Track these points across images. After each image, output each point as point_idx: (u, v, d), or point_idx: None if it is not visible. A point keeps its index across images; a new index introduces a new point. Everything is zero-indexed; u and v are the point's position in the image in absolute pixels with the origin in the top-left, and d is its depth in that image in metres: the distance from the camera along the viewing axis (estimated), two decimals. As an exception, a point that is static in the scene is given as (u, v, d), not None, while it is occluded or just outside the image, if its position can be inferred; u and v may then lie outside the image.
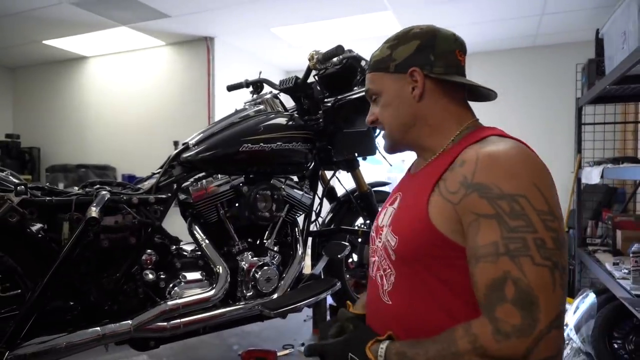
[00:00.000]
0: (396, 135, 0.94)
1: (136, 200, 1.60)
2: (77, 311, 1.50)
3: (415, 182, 0.91)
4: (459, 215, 0.76)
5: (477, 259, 0.72)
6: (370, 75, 0.95)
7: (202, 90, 4.28)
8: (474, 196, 0.74)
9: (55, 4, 3.46)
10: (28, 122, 5.18)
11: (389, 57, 0.92)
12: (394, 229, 0.86)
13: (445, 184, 0.80)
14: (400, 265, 0.84)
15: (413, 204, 0.84)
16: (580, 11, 3.62)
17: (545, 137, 4.32)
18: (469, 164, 0.77)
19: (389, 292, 0.86)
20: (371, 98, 0.96)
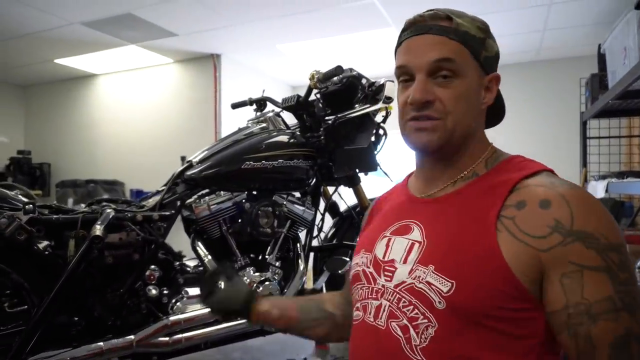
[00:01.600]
0: (457, 135, 0.77)
1: (140, 218, 1.64)
2: (81, 326, 1.54)
3: (449, 211, 0.76)
4: (543, 263, 0.66)
5: (593, 316, 0.63)
6: (453, 46, 0.75)
7: (209, 106, 4.35)
8: (578, 246, 0.64)
9: (66, 25, 3.57)
10: (39, 139, 5.29)
11: (482, 42, 0.78)
12: (443, 270, 0.69)
13: (514, 223, 0.68)
14: (449, 317, 0.68)
15: (472, 242, 0.69)
16: (582, 27, 3.65)
17: (551, 151, 4.31)
18: (560, 207, 0.67)
19: (424, 348, 0.69)
20: (435, 72, 0.75)
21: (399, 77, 0.80)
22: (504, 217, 0.69)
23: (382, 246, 0.80)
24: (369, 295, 0.78)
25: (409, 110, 0.77)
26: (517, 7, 3.31)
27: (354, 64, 2.20)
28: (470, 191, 0.76)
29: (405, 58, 0.78)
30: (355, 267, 0.85)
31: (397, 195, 0.91)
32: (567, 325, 0.65)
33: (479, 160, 0.80)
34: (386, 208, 0.90)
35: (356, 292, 0.83)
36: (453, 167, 0.80)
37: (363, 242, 0.87)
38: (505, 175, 0.75)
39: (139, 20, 3.52)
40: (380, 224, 0.86)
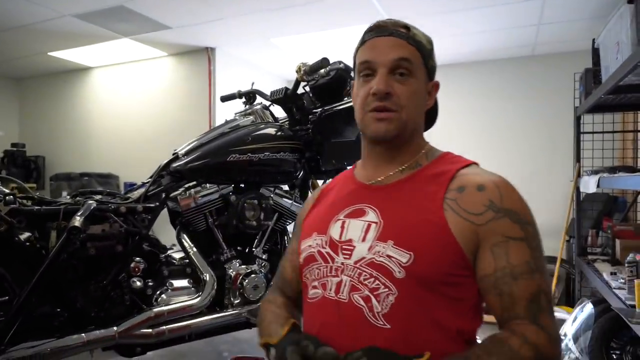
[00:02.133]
0: (408, 128, 0.89)
1: (124, 209, 1.63)
2: (64, 317, 1.53)
3: (401, 195, 0.86)
4: (479, 236, 0.79)
5: (515, 277, 0.77)
6: (411, 49, 0.87)
7: (204, 99, 4.34)
8: (506, 220, 0.79)
9: (59, 17, 3.55)
10: (33, 132, 5.28)
11: (430, 52, 0.92)
12: (402, 244, 0.79)
13: (457, 203, 0.81)
14: (407, 285, 0.77)
15: (424, 219, 0.81)
16: (577, 21, 3.63)
17: (545, 146, 4.31)
18: (492, 190, 0.82)
19: (386, 314, 0.77)
20: (394, 69, 0.86)
21: (360, 72, 0.89)
22: (448, 199, 0.83)
23: (337, 228, 0.88)
24: (328, 274, 0.85)
25: (370, 101, 0.86)
26: (512, 0, 3.29)
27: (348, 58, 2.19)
28: (417, 178, 0.88)
29: (370, 54, 0.88)
30: (309, 249, 0.90)
31: (344, 184, 0.98)
32: (495, 286, 0.78)
33: (420, 153, 0.92)
34: (333, 195, 0.97)
35: (311, 272, 0.89)
36: (399, 158, 0.91)
37: (312, 226, 0.94)
38: (444, 167, 0.89)
39: (132, 13, 3.50)
40: (330, 209, 0.93)
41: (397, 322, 0.77)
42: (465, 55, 4.48)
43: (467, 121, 4.57)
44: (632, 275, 2.06)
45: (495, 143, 4.47)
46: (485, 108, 4.53)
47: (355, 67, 0.92)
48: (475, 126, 4.54)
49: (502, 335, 0.75)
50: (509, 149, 4.43)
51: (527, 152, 4.37)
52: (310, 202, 1.04)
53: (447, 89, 5.01)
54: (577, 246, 3.16)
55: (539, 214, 3.08)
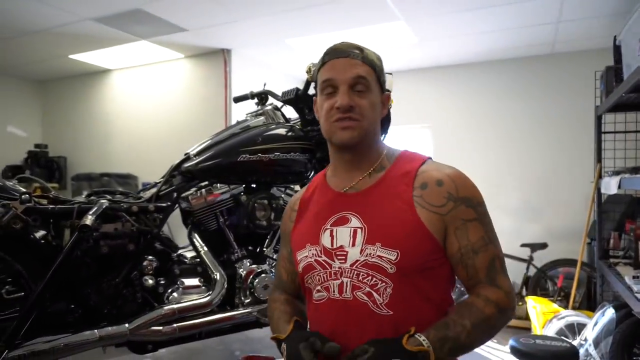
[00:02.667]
0: (369, 134, 1.01)
1: (136, 209, 1.66)
2: (78, 314, 1.57)
3: (375, 200, 0.98)
4: (445, 223, 0.95)
5: (475, 251, 0.94)
6: (366, 68, 0.99)
7: (220, 100, 4.38)
8: (463, 207, 0.96)
9: (78, 21, 3.63)
10: (56, 133, 5.41)
11: (381, 69, 1.04)
12: (388, 244, 0.92)
13: (423, 199, 0.96)
14: (400, 277, 0.92)
15: (401, 219, 0.94)
16: (597, 18, 3.54)
17: (565, 146, 4.22)
18: (448, 183, 0.97)
19: (387, 303, 0.93)
20: (354, 85, 0.98)
21: (323, 90, 1.01)
22: (415, 196, 0.97)
23: (327, 237, 0.99)
24: (329, 278, 0.98)
25: (334, 113, 0.98)
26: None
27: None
28: (386, 182, 1.01)
29: (331, 73, 1.00)
30: (305, 259, 1.02)
31: (320, 192, 1.09)
32: (461, 261, 0.96)
33: (382, 157, 1.04)
34: (314, 205, 1.07)
35: (312, 278, 1.01)
36: (365, 163, 1.03)
37: (303, 237, 1.05)
38: (405, 167, 1.02)
39: (149, 16, 3.56)
40: (316, 219, 1.04)
41: (397, 307, 0.92)
42: (483, 54, 4.42)
43: (486, 121, 4.51)
44: (655, 279, 2.00)
45: (515, 143, 4.39)
46: (504, 108, 4.46)
47: (318, 85, 1.04)
48: (495, 126, 4.47)
49: (469, 300, 0.94)
50: (528, 149, 4.35)
51: (547, 153, 4.29)
52: (292, 213, 1.14)
53: (467, 88, 4.96)
54: (599, 249, 3.08)
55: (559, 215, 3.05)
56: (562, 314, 2.87)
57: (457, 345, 0.89)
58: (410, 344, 0.85)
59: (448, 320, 0.91)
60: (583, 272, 3.50)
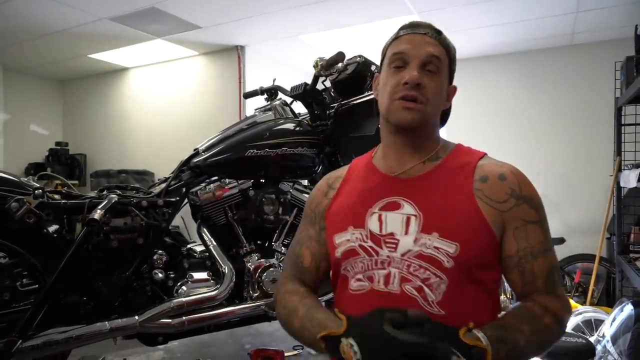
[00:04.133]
0: (430, 120, 0.95)
1: (145, 203, 1.69)
2: (90, 306, 1.61)
3: (431, 187, 0.92)
4: (504, 221, 0.88)
5: (534, 255, 0.88)
6: (441, 49, 0.94)
7: (234, 97, 4.42)
8: (525, 207, 0.89)
9: (95, 20, 3.71)
10: (76, 130, 5.54)
11: (454, 58, 0.99)
12: (447, 235, 0.85)
13: (483, 192, 0.89)
14: (456, 273, 0.84)
15: (461, 209, 0.88)
16: (617, 7, 3.44)
17: (584, 138, 4.12)
18: (511, 179, 0.91)
19: (439, 302, 0.84)
20: (426, 64, 0.92)
21: (391, 63, 0.94)
22: (475, 189, 0.90)
23: (375, 221, 0.91)
24: (374, 266, 0.89)
25: (401, 89, 0.91)
26: (545, -12, 3.16)
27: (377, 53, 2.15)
28: (442, 170, 0.94)
29: (404, 47, 0.94)
30: (347, 243, 0.93)
31: (365, 174, 1.01)
32: (518, 264, 0.88)
33: (438, 147, 0.98)
34: (358, 186, 0.99)
35: (353, 265, 0.92)
36: (420, 150, 0.96)
37: (344, 219, 0.95)
38: (463, 159, 0.96)
39: (163, 14, 3.61)
40: (360, 201, 0.96)
41: (450, 307, 0.84)
42: (499, 46, 4.35)
43: (503, 114, 4.44)
44: (674, 274, 1.94)
45: (532, 136, 4.31)
46: (522, 101, 4.39)
47: (385, 59, 0.98)
48: (512, 119, 4.40)
49: (528, 305, 0.86)
50: (547, 142, 4.26)
51: (565, 146, 4.20)
52: (329, 190, 1.04)
53: (483, 81, 4.89)
54: (618, 244, 3.01)
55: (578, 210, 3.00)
56: (579, 310, 2.82)
57: (514, 351, 0.78)
58: (467, 337, 0.74)
59: (505, 323, 0.82)
60: (602, 267, 3.42)
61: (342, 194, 1.02)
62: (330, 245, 0.96)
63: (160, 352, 2.02)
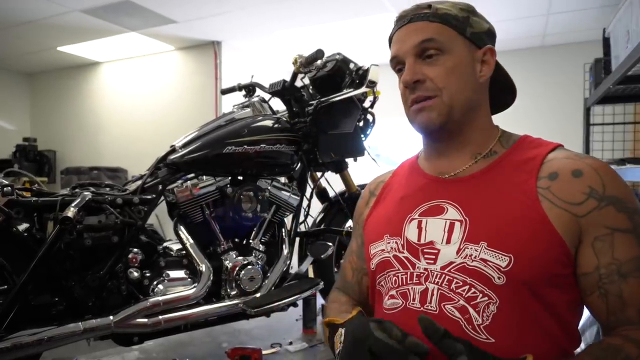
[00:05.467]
0: (457, 109, 0.79)
1: (120, 201, 1.65)
2: (62, 306, 1.56)
3: (483, 188, 0.77)
4: (581, 228, 0.70)
5: (624, 275, 0.68)
6: (436, 26, 0.80)
7: (210, 93, 4.37)
8: (611, 209, 0.70)
9: (66, 12, 3.60)
10: (44, 126, 5.38)
11: (465, 20, 0.82)
12: (498, 245, 0.71)
13: (551, 192, 0.72)
14: (510, 292, 0.70)
15: (519, 215, 0.72)
16: (587, 10, 3.55)
17: (554, 138, 4.14)
18: (591, 175, 0.72)
19: (487, 326, 0.69)
20: (421, 53, 0.80)
21: (395, 69, 0.85)
22: (540, 187, 0.73)
23: (414, 229, 0.79)
24: (409, 281, 0.76)
25: (407, 95, 0.82)
26: (518, -10, 3.24)
27: (353, 50, 2.17)
28: (499, 168, 0.79)
29: (394, 48, 0.84)
30: (381, 253, 0.82)
31: (410, 177, 0.90)
32: (598, 286, 0.69)
33: (495, 140, 0.83)
34: (401, 190, 0.89)
35: (387, 279, 0.81)
36: (469, 145, 0.82)
37: (381, 227, 0.85)
38: (528, 152, 0.79)
39: (138, 7, 3.54)
40: (400, 206, 0.85)
41: (502, 334, 0.69)
42: (473, 46, 4.42)
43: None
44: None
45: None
46: (494, 100, 4.48)
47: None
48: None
49: (615, 342, 0.65)
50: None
51: (536, 144, 4.31)
52: (370, 197, 0.95)
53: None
54: (586, 239, 3.11)
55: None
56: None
57: None
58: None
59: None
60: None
61: (383, 200, 0.92)
62: (367, 256, 0.87)
63: (135, 353, 1.97)
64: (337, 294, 0.98)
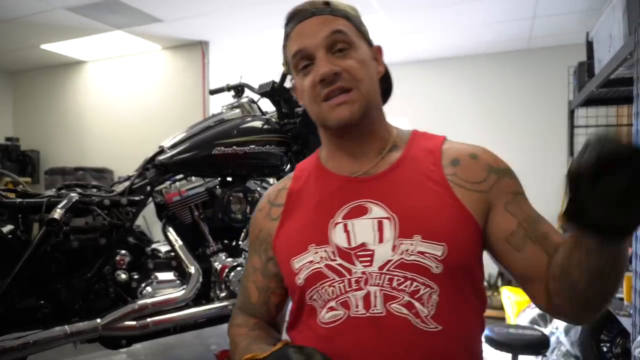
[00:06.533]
0: (373, 104, 0.81)
1: (107, 202, 1.63)
2: (48, 309, 1.54)
3: (400, 183, 0.79)
4: (490, 201, 0.77)
5: (537, 221, 0.76)
6: (341, 20, 0.80)
7: (198, 93, 4.33)
8: (507, 179, 0.79)
9: (50, 10, 3.54)
10: (27, 126, 5.27)
11: (359, 19, 0.84)
12: (431, 236, 0.72)
13: (458, 177, 0.78)
14: (448, 278, 0.72)
15: (440, 204, 0.75)
16: (571, 14, 3.61)
17: (539, 140, 4.30)
18: (484, 155, 0.81)
19: (434, 315, 0.71)
20: (332, 46, 0.78)
21: (296, 65, 0.81)
22: (448, 175, 0.78)
23: (340, 233, 0.77)
24: (348, 289, 0.74)
25: (319, 90, 0.78)
26: (505, -7, 3.28)
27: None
28: (407, 162, 0.81)
29: (300, 42, 0.80)
30: (310, 265, 0.77)
31: (318, 180, 0.85)
32: (528, 236, 0.75)
33: (394, 134, 0.86)
34: (312, 196, 0.84)
35: (320, 292, 0.76)
36: (374, 141, 0.83)
37: (302, 237, 0.80)
38: (425, 145, 0.84)
39: (123, 5, 3.49)
40: (319, 212, 0.80)
41: (446, 319, 0.72)
42: (461, 49, 4.46)
43: (460, 115, 4.56)
44: (621, 268, 2.06)
45: (488, 137, 4.40)
46: (479, 102, 4.53)
47: (290, 65, 0.84)
48: (469, 120, 4.53)
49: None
50: (502, 142, 4.40)
51: (520, 146, 4.37)
52: (272, 209, 0.88)
53: (444, 82, 5.01)
54: (570, 241, 3.17)
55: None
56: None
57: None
58: None
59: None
60: (556, 262, 3.58)
61: (294, 208, 0.85)
62: (288, 272, 0.80)
63: (123, 356, 1.96)
64: (242, 318, 0.91)
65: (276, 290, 0.88)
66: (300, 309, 0.82)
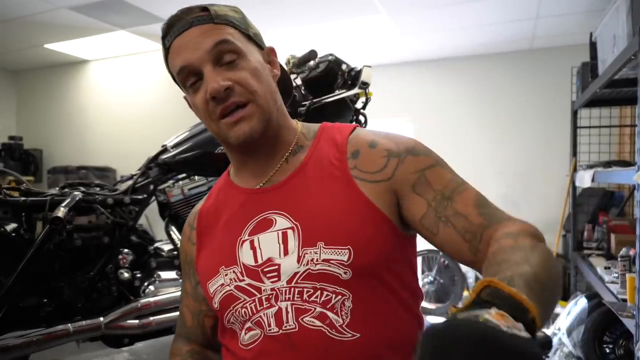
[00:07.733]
0: (273, 112, 0.75)
1: (111, 201, 1.64)
2: (51, 308, 1.54)
3: (303, 187, 0.74)
4: (395, 188, 0.72)
5: (449, 197, 0.69)
6: (224, 28, 0.72)
7: (200, 93, 4.34)
8: (410, 158, 0.73)
9: (53, 9, 3.54)
10: (31, 125, 5.29)
11: (243, 21, 0.76)
12: (334, 241, 0.68)
13: (359, 170, 0.73)
14: (358, 282, 0.69)
15: (343, 203, 0.71)
16: (574, 14, 3.60)
17: (542, 140, 4.29)
18: (383, 142, 0.75)
19: (349, 323, 0.68)
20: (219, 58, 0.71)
21: (184, 82, 0.74)
22: (351, 169, 0.73)
23: (247, 251, 0.73)
24: (259, 308, 0.71)
25: (213, 108, 0.71)
26: (508, -7, 3.28)
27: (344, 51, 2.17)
28: (312, 163, 0.76)
29: (182, 57, 0.72)
30: (222, 289, 0.74)
31: (227, 198, 0.82)
32: (439, 217, 0.69)
33: (298, 134, 0.80)
34: (221, 215, 0.81)
35: (235, 315, 0.74)
36: (278, 147, 0.78)
37: (214, 260, 0.77)
38: (332, 139, 0.78)
39: (126, 5, 3.50)
40: (227, 232, 0.77)
41: (363, 325, 0.68)
42: (462, 49, 4.46)
43: (467, 115, 4.56)
44: (625, 269, 2.06)
45: (492, 137, 4.45)
46: (484, 102, 4.52)
47: (178, 82, 0.77)
48: (472, 120, 4.53)
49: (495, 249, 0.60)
50: (505, 143, 4.42)
51: (523, 147, 4.37)
52: (191, 232, 0.85)
53: (448, 83, 5.01)
54: (573, 241, 3.16)
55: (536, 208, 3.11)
56: (537, 305, 2.94)
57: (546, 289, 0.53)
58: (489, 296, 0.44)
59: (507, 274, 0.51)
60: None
61: (207, 230, 0.82)
62: (208, 296, 0.78)
63: (125, 354, 1.96)
64: (177, 345, 0.89)
65: (209, 313, 0.85)
66: (223, 333, 0.80)
